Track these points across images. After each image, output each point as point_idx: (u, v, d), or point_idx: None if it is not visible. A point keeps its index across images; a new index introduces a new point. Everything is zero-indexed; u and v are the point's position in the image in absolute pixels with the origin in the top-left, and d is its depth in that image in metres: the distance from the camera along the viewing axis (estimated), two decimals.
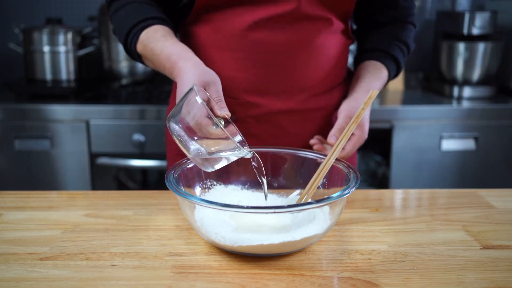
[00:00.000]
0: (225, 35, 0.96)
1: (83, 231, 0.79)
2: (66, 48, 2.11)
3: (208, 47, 0.98)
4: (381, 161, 2.21)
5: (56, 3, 2.38)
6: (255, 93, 0.98)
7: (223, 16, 0.96)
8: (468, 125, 2.00)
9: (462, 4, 2.43)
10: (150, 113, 1.92)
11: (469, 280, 0.65)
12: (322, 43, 0.98)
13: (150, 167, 2.00)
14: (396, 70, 1.09)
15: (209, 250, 0.73)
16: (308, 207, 0.67)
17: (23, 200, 0.92)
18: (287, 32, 0.95)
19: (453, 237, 0.77)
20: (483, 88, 2.15)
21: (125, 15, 0.97)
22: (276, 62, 0.96)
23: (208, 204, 0.67)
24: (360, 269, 0.67)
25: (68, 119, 1.92)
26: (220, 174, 0.86)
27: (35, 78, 2.12)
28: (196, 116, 0.70)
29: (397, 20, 1.10)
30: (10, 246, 0.74)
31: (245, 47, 0.95)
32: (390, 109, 1.97)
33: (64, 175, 1.97)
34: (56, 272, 0.66)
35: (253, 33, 0.94)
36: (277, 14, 0.93)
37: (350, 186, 0.71)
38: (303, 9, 0.93)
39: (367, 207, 0.89)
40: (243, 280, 0.65)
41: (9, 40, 2.26)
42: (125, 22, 0.96)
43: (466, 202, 0.92)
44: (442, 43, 2.22)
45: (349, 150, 0.95)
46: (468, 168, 2.04)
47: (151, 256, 0.71)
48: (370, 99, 0.80)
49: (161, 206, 0.89)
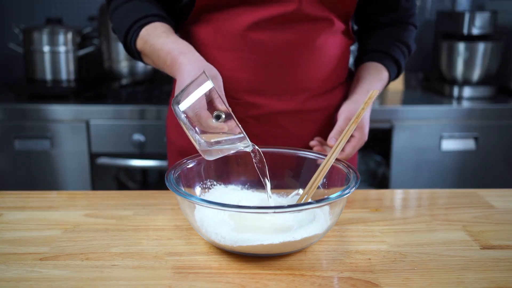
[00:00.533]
0: (226, 35, 0.96)
1: (83, 231, 0.79)
2: (66, 48, 2.11)
3: (209, 47, 0.98)
4: (381, 161, 2.21)
5: (56, 3, 2.38)
6: (255, 93, 0.98)
7: (223, 16, 0.95)
8: (468, 125, 2.00)
9: (462, 4, 2.43)
10: (150, 113, 1.92)
11: (469, 280, 0.65)
12: (323, 44, 0.98)
13: (150, 167, 2.00)
14: (397, 72, 1.09)
15: (209, 250, 0.73)
16: (308, 207, 0.67)
17: (23, 200, 0.92)
18: (288, 32, 0.95)
19: (453, 237, 0.77)
20: (483, 88, 2.15)
21: (125, 13, 0.97)
22: (276, 62, 0.96)
23: (208, 204, 0.67)
24: (360, 269, 0.67)
25: (68, 119, 1.92)
26: (220, 174, 0.86)
27: (35, 78, 2.12)
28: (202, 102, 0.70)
29: (398, 21, 1.10)
30: (10, 246, 0.74)
31: (245, 47, 0.95)
32: (390, 109, 1.97)
33: (64, 175, 1.97)
34: (56, 272, 0.66)
35: (254, 33, 0.94)
36: (278, 14, 0.93)
37: (350, 186, 0.71)
38: (304, 10, 0.93)
39: (367, 207, 0.89)
40: (243, 280, 0.65)
41: (9, 40, 2.26)
42: (125, 20, 0.96)
43: (466, 202, 0.92)
44: (442, 43, 2.22)
45: (349, 152, 0.95)
46: (468, 168, 2.04)
47: (151, 256, 0.71)
48: (370, 99, 0.80)
49: (161, 206, 0.89)
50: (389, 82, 1.09)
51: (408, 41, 1.09)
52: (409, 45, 1.10)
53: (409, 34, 1.10)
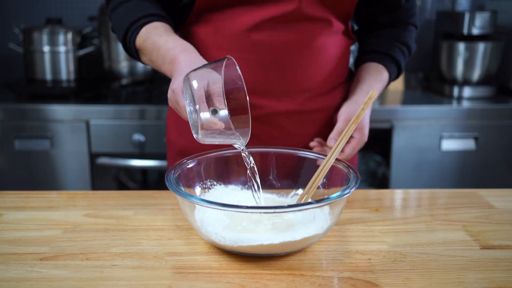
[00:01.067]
0: (226, 35, 0.96)
1: (83, 231, 0.79)
2: (66, 48, 2.11)
3: (208, 47, 0.98)
4: (381, 161, 2.21)
5: (56, 3, 2.38)
6: (255, 94, 0.98)
7: (223, 16, 0.95)
8: (468, 125, 2.00)
9: (462, 4, 2.43)
10: (150, 113, 1.92)
11: (469, 280, 0.65)
12: (323, 44, 0.98)
13: (150, 167, 2.00)
14: (397, 72, 1.10)
15: (209, 250, 0.73)
16: (308, 207, 0.67)
17: (23, 200, 0.92)
18: (288, 32, 0.95)
19: (453, 237, 0.77)
20: (483, 88, 2.15)
21: (124, 12, 0.97)
22: (276, 62, 0.96)
23: (208, 204, 0.67)
24: (360, 269, 0.67)
25: (68, 119, 1.92)
26: (220, 174, 0.86)
27: (35, 78, 2.12)
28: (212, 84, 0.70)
29: (398, 21, 1.10)
30: (10, 246, 0.74)
31: (245, 48, 0.95)
32: (390, 109, 1.97)
33: (64, 175, 1.97)
34: (56, 272, 0.66)
35: (254, 34, 0.94)
36: (277, 14, 0.93)
37: (350, 186, 0.71)
38: (303, 10, 0.93)
39: (367, 207, 0.89)
40: (243, 280, 0.65)
41: (9, 40, 2.26)
42: (124, 19, 0.96)
43: (466, 202, 0.92)
44: (442, 43, 2.22)
45: (348, 153, 0.95)
46: (468, 168, 2.04)
47: (151, 256, 0.71)
48: (370, 99, 0.80)
49: (161, 206, 0.89)
50: (389, 82, 1.09)
51: (408, 41, 1.09)
52: (409, 45, 1.10)
53: (409, 35, 1.10)
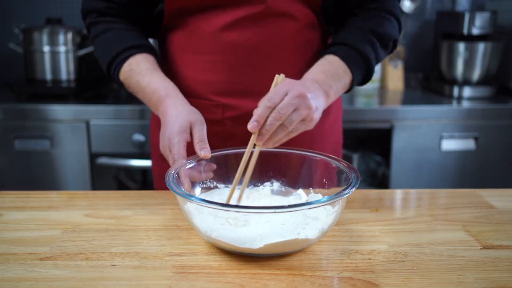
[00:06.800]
0: (199, 38, 0.97)
1: (83, 231, 0.79)
2: (66, 48, 2.11)
3: (183, 51, 1.00)
4: (381, 161, 2.21)
5: (56, 3, 2.38)
6: (231, 94, 0.98)
7: (196, 20, 0.96)
8: (468, 125, 1.99)
9: (462, 4, 2.43)
10: (150, 113, 1.91)
11: (469, 280, 0.65)
12: (295, 40, 0.97)
13: (150, 167, 2.00)
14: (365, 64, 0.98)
15: (209, 250, 0.73)
16: (308, 207, 0.67)
17: (23, 200, 0.92)
18: (256, 31, 0.95)
19: (453, 237, 0.77)
20: (483, 88, 2.15)
21: (107, 43, 0.99)
22: (249, 62, 0.96)
23: (208, 204, 0.67)
24: (360, 269, 0.67)
25: (68, 119, 1.92)
26: (220, 174, 0.86)
27: (35, 78, 2.12)
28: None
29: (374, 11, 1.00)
30: (10, 246, 0.74)
31: (218, 49, 0.96)
32: (390, 109, 1.97)
33: (64, 175, 1.97)
34: (56, 272, 0.66)
35: (225, 35, 0.95)
36: (247, 15, 0.93)
37: (350, 186, 0.71)
38: (272, 7, 0.93)
39: (367, 207, 0.89)
40: (243, 280, 0.65)
41: (9, 40, 2.26)
42: (105, 53, 0.98)
43: (466, 202, 0.92)
44: (442, 43, 2.22)
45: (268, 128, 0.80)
46: (468, 168, 2.04)
47: (151, 256, 0.71)
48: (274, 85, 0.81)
49: (161, 206, 0.89)
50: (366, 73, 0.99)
51: (384, 31, 0.99)
52: (384, 35, 0.99)
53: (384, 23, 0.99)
